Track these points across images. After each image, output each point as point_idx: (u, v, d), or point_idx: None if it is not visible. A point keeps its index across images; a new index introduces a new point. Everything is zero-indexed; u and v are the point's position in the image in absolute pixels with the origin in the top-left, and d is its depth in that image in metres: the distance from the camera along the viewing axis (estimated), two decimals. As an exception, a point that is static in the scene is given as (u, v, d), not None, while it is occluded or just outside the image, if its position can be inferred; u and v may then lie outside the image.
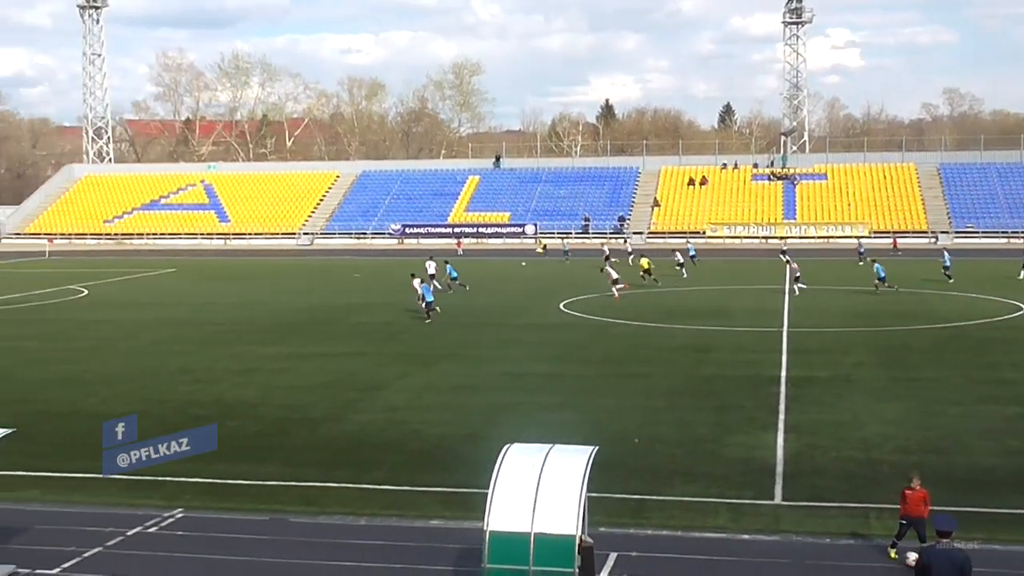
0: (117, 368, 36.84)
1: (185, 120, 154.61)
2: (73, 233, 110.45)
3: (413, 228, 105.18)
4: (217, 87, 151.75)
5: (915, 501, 17.97)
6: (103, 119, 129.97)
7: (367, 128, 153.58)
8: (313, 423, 28.32)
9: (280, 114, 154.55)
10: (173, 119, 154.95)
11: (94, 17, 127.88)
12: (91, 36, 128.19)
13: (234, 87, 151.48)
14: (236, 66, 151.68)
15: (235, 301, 56.64)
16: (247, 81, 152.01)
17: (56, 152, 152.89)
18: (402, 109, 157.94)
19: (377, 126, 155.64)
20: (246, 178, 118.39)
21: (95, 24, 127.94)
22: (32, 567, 18.22)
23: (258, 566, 18.24)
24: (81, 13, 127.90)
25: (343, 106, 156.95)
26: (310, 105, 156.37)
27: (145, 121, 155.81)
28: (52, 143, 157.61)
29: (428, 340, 42.23)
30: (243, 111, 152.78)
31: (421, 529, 20.08)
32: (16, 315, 52.28)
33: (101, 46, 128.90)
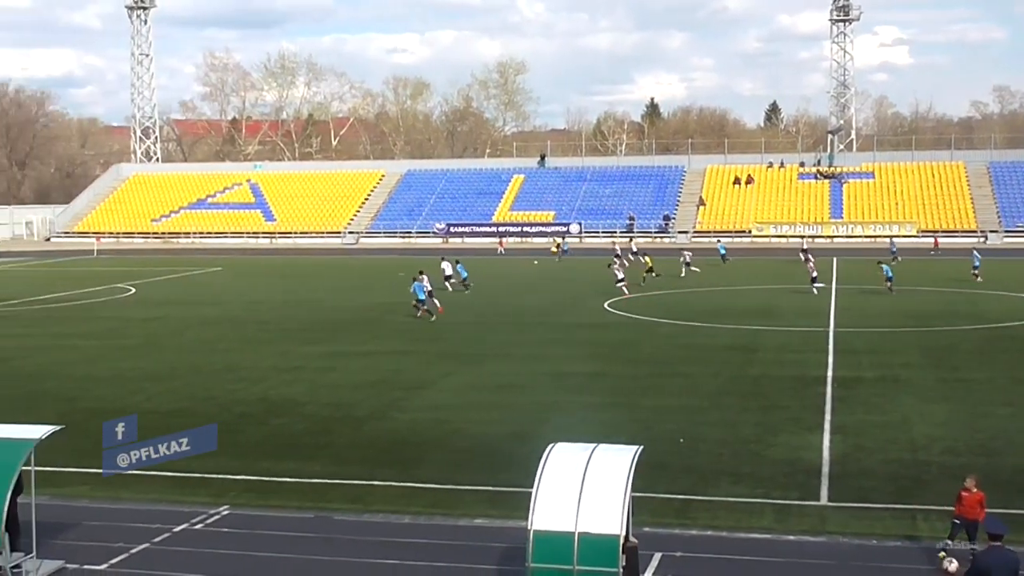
0: (164, 366, 37.11)
1: (231, 120, 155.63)
2: (121, 232, 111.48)
3: (457, 227, 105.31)
4: (263, 87, 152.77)
5: (971, 503, 17.75)
6: (151, 119, 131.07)
7: (412, 127, 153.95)
8: (358, 421, 28.40)
9: (326, 113, 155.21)
10: (220, 119, 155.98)
11: (142, 18, 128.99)
12: (139, 36, 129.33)
13: (280, 87, 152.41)
14: (282, 66, 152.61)
15: (281, 300, 56.93)
16: (293, 81, 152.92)
17: (104, 152, 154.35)
18: (447, 108, 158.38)
19: (422, 125, 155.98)
20: (292, 177, 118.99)
21: (143, 24, 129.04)
22: (80, 563, 18.38)
23: (303, 563, 18.30)
24: (129, 14, 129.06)
25: (388, 105, 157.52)
26: (355, 104, 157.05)
27: (192, 121, 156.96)
28: (100, 143, 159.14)
29: (473, 339, 42.26)
30: (289, 111, 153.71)
31: (465, 528, 20.08)
32: (65, 313, 52.80)
33: (149, 46, 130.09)
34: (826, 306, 50.43)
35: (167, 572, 18.00)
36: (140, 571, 18.09)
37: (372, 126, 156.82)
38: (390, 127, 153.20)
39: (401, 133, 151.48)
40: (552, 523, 15.33)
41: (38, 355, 39.78)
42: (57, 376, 35.56)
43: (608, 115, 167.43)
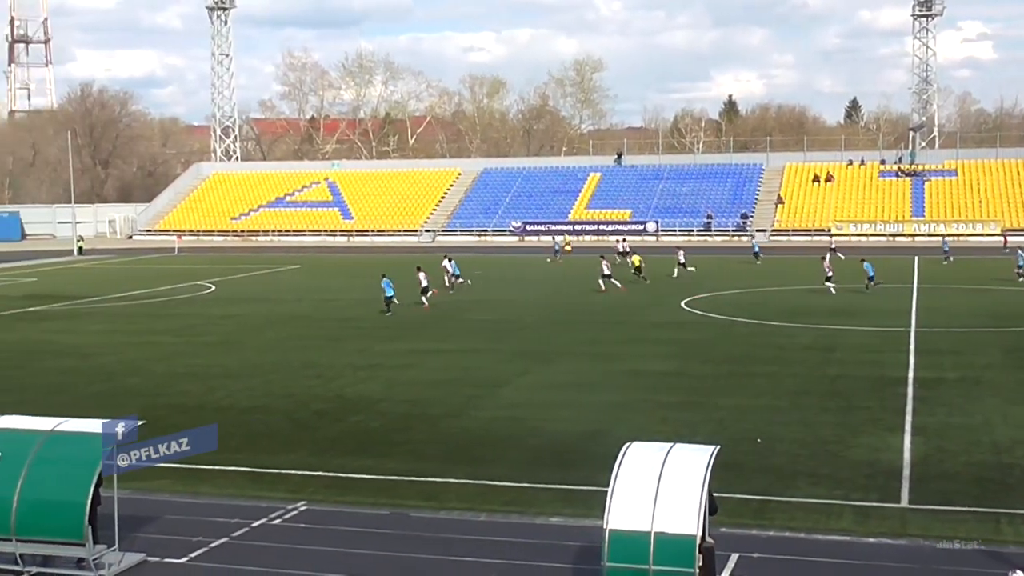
0: (243, 363, 37.51)
1: (310, 119, 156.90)
2: (201, 230, 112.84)
3: (534, 225, 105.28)
4: (341, 86, 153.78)
5: None
6: (230, 118, 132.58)
7: (488, 125, 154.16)
8: (434, 419, 28.48)
9: (403, 112, 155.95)
10: (298, 118, 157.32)
11: (222, 18, 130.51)
12: (219, 37, 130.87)
13: (358, 86, 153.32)
14: (360, 65, 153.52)
15: (358, 297, 57.26)
16: (370, 80, 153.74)
17: (185, 151, 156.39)
18: (523, 106, 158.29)
19: (498, 123, 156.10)
20: (369, 176, 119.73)
21: (223, 25, 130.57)
22: (161, 556, 18.62)
23: (379, 559, 18.38)
24: (210, 14, 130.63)
25: (465, 104, 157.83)
26: (432, 103, 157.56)
27: (271, 120, 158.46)
28: (181, 142, 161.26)
29: (548, 337, 42.22)
30: (366, 109, 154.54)
31: (541, 526, 20.05)
32: (147, 310, 53.58)
33: (229, 46, 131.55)
34: (907, 306, 49.72)
35: (245, 566, 18.18)
36: (219, 565, 18.28)
37: (449, 124, 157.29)
38: (466, 125, 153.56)
39: (477, 131, 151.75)
40: (628, 522, 15.26)
41: (121, 351, 40.40)
42: (139, 372, 36.09)
43: (685, 113, 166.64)
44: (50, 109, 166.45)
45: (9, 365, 37.78)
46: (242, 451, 25.43)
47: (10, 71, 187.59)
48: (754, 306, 50.26)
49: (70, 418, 19.37)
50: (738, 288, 58.28)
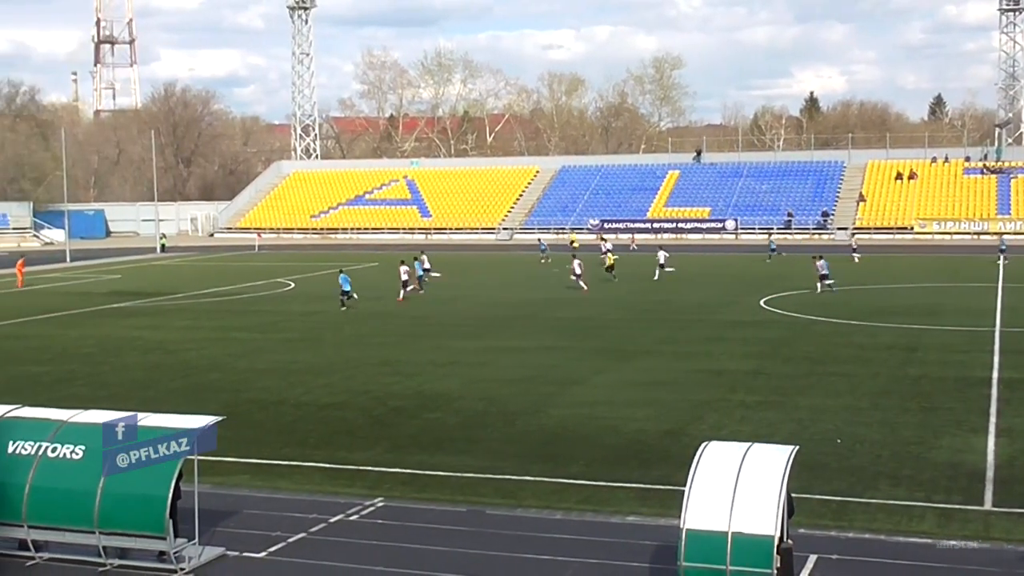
0: (322, 359, 37.82)
1: (389, 117, 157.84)
2: (281, 228, 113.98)
3: (612, 223, 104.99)
4: (420, 84, 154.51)
5: None
6: (310, 117, 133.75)
7: (567, 123, 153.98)
8: (511, 416, 28.50)
9: (481, 110, 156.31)
10: (377, 116, 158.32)
11: (303, 17, 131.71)
12: (300, 36, 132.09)
13: (436, 84, 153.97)
14: (439, 63, 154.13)
15: (435, 295, 57.47)
16: (449, 78, 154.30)
17: (266, 149, 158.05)
18: (602, 104, 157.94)
19: (577, 121, 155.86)
20: (447, 174, 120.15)
21: (304, 24, 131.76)
22: (240, 550, 18.82)
23: (455, 557, 18.41)
24: (291, 14, 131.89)
25: (543, 101, 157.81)
26: (510, 101, 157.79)
27: (350, 118, 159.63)
28: (262, 140, 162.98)
29: (626, 335, 42.08)
30: (445, 107, 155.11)
31: (617, 525, 19.98)
32: (229, 306, 54.23)
33: (309, 45, 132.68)
34: (992, 305, 48.85)
35: (323, 562, 18.31)
36: (297, 560, 18.44)
37: (527, 122, 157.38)
38: (545, 123, 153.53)
39: (556, 129, 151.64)
40: (705, 522, 15.16)
41: (203, 347, 40.92)
42: (221, 368, 36.53)
43: (766, 109, 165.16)
44: (134, 109, 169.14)
45: (95, 360, 38.45)
46: (320, 447, 25.64)
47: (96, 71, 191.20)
48: (834, 305, 49.66)
49: (153, 412, 19.67)
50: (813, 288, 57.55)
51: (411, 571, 17.84)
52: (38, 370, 36.54)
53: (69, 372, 36.12)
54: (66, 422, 18.93)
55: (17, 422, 19.23)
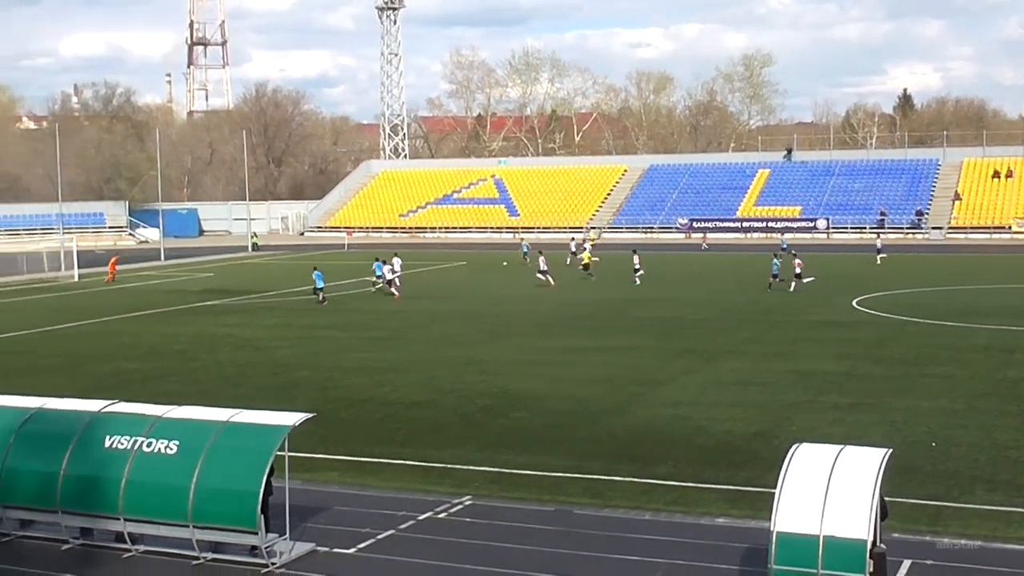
0: (409, 357, 38.02)
1: (477, 116, 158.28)
2: (370, 226, 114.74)
3: (701, 222, 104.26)
4: (508, 84, 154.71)
5: None
6: (399, 116, 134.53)
7: (655, 122, 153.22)
8: (597, 416, 28.41)
9: (569, 109, 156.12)
10: (465, 115, 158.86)
11: (391, 18, 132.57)
12: (388, 36, 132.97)
13: (524, 83, 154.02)
14: (526, 63, 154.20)
15: (521, 294, 57.55)
16: (537, 77, 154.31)
17: (355, 149, 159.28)
18: (690, 102, 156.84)
19: (665, 120, 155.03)
20: (535, 173, 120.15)
21: (392, 25, 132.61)
22: (330, 546, 18.98)
23: (543, 556, 18.39)
24: (379, 14, 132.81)
25: (631, 100, 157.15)
26: (598, 100, 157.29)
27: (438, 118, 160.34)
28: (351, 140, 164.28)
29: (714, 335, 41.76)
30: (533, 107, 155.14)
31: (706, 526, 19.82)
32: (318, 305, 54.66)
33: (398, 46, 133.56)
34: (1092, 306, 47.70)
35: (411, 559, 18.40)
36: (386, 556, 18.54)
37: (615, 121, 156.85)
38: (633, 122, 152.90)
39: (644, 128, 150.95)
40: (796, 525, 14.97)
41: (293, 345, 41.36)
42: (310, 366, 36.88)
43: (858, 107, 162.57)
44: (226, 109, 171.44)
45: (188, 357, 39.04)
46: (408, 445, 25.77)
47: (189, 73, 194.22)
48: (927, 306, 48.83)
49: (244, 409, 19.92)
50: (910, 287, 56.70)
51: (499, 570, 17.86)
52: (133, 366, 37.20)
53: (162, 369, 36.72)
54: (160, 418, 19.25)
55: (113, 417, 19.60)
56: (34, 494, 19.23)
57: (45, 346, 42.32)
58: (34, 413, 20.12)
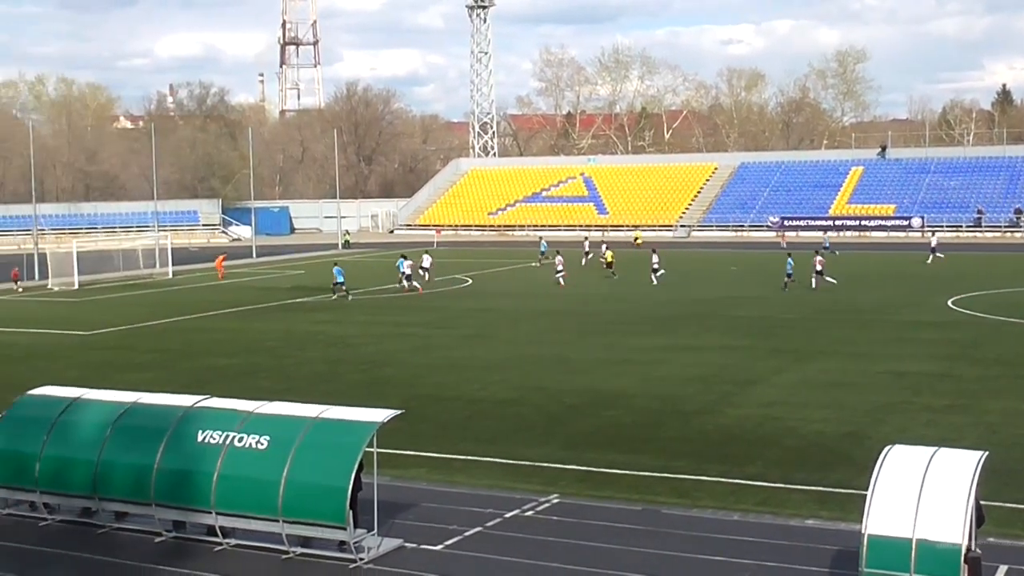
0: (497, 355, 38.08)
1: (566, 114, 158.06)
2: (459, 224, 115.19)
3: (792, 221, 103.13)
4: (597, 81, 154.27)
5: None
6: (488, 115, 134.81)
7: (746, 119, 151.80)
8: (687, 415, 28.22)
9: (659, 107, 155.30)
10: (554, 113, 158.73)
11: (481, 16, 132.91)
12: (478, 35, 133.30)
13: (614, 81, 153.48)
14: (616, 60, 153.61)
15: (611, 292, 57.39)
16: (626, 75, 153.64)
17: (444, 147, 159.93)
18: (782, 99, 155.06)
19: (756, 117, 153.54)
20: (624, 170, 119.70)
21: (482, 23, 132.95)
22: (418, 542, 19.07)
23: (631, 555, 18.31)
24: (469, 13, 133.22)
25: (722, 97, 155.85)
26: (688, 97, 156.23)
27: (528, 116, 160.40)
28: (441, 138, 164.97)
29: (806, 335, 41.27)
30: (622, 104, 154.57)
31: (796, 528, 19.59)
32: (406, 302, 55.05)
33: (488, 44, 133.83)
34: None
35: (499, 556, 18.42)
36: (473, 554, 18.58)
37: (705, 118, 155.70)
38: (723, 119, 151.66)
39: (735, 125, 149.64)
40: (888, 528, 14.74)
41: (381, 342, 41.65)
42: (398, 363, 37.11)
43: (954, 103, 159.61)
44: (318, 108, 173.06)
45: (279, 353, 39.50)
46: (496, 442, 25.81)
47: (281, 72, 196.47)
48: None
49: (333, 405, 20.09)
50: (1009, 287, 55.55)
51: (586, 568, 17.81)
52: (225, 362, 37.73)
53: (254, 365, 37.19)
54: (252, 413, 19.48)
55: (206, 412, 19.89)
56: (129, 487, 19.59)
57: (141, 342, 43.10)
58: (129, 407, 20.50)
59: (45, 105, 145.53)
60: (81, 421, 20.52)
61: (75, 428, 20.41)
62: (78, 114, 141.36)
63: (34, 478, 20.29)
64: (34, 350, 41.57)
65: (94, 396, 21.55)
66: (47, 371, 35.41)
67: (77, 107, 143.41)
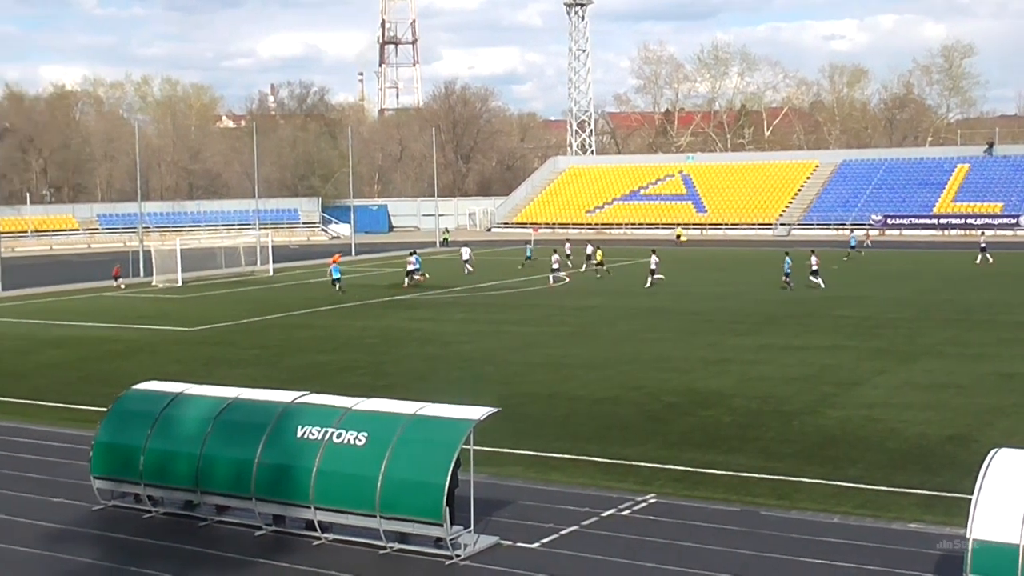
0: (596, 354, 37.95)
1: (664, 112, 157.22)
2: (556, 223, 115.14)
3: (895, 219, 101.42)
4: (696, 78, 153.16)
5: None
6: (586, 112, 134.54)
7: (848, 116, 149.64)
8: (787, 416, 27.87)
9: (758, 104, 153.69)
10: (653, 111, 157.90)
11: (579, 14, 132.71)
12: (576, 32, 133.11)
13: (713, 78, 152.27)
14: (715, 57, 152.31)
15: (710, 291, 56.96)
16: (726, 71, 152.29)
17: (542, 145, 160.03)
18: (886, 95, 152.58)
19: (859, 114, 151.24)
20: (723, 168, 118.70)
21: (580, 21, 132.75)
22: (514, 540, 19.06)
23: (728, 556, 18.12)
24: (568, 11, 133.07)
25: (823, 94, 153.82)
26: (789, 94, 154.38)
27: (626, 113, 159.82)
28: (538, 136, 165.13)
29: (910, 336, 40.52)
30: (721, 101, 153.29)
31: (898, 531, 19.23)
32: (504, 300, 55.18)
33: (586, 42, 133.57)
34: None
35: (594, 555, 18.35)
36: (569, 552, 18.53)
37: (806, 115, 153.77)
38: (825, 116, 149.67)
39: (836, 122, 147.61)
40: (995, 533, 14.41)
41: (479, 340, 41.76)
42: (496, 360, 37.17)
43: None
44: (416, 107, 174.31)
45: (377, 351, 39.80)
46: (593, 441, 25.73)
47: (381, 71, 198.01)
48: None
49: (431, 403, 20.17)
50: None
51: (682, 569, 17.67)
52: (324, 359, 38.12)
53: (352, 361, 37.52)
54: (350, 409, 19.64)
55: (305, 408, 20.11)
56: (230, 481, 19.87)
57: (243, 338, 43.73)
58: (231, 403, 20.80)
59: (151, 105, 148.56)
60: (184, 416, 20.88)
61: (178, 422, 20.77)
62: (182, 114, 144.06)
63: (138, 471, 20.69)
64: (139, 345, 42.40)
65: (197, 391, 21.92)
66: (152, 366, 36.13)
67: (181, 107, 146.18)
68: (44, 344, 42.96)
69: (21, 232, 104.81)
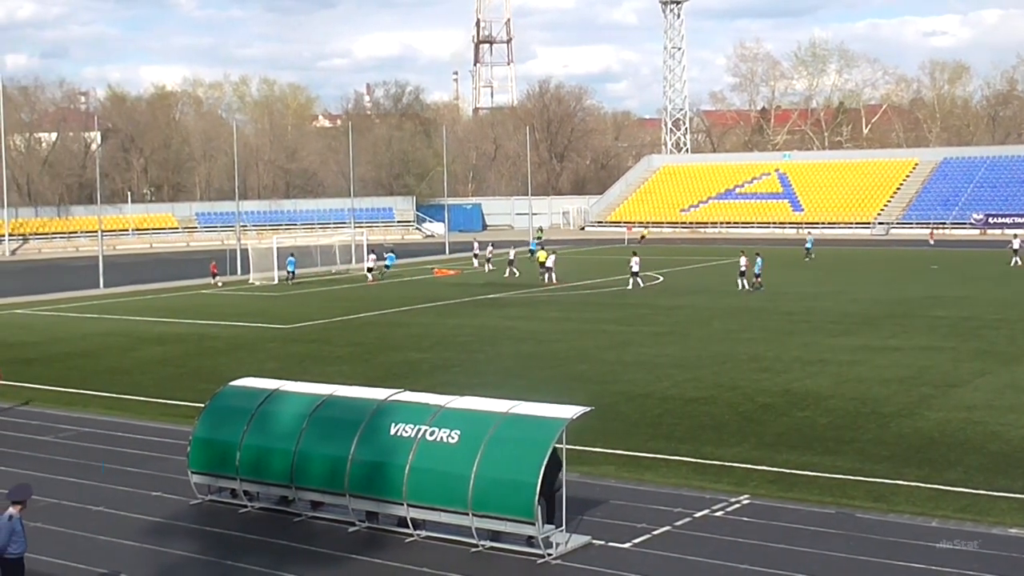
0: (690, 353, 37.71)
1: (760, 109, 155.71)
2: (650, 221, 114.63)
3: (997, 218, 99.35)
4: (793, 76, 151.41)
5: None
6: (681, 111, 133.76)
7: (949, 113, 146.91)
8: (884, 418, 27.44)
9: (857, 101, 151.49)
10: (748, 109, 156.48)
11: (675, 12, 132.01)
12: (672, 30, 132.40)
13: (810, 75, 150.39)
14: (813, 54, 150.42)
15: (806, 291, 56.31)
16: (824, 68, 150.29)
17: (636, 143, 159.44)
18: (988, 92, 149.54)
19: (960, 111, 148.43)
20: (820, 167, 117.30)
21: (676, 19, 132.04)
22: (606, 540, 19.01)
23: (823, 559, 17.90)
24: (663, 8, 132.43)
25: (924, 91, 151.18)
26: (888, 91, 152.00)
27: (721, 111, 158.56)
28: (633, 135, 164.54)
29: (1010, 337, 39.69)
30: (819, 99, 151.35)
31: (999, 536, 18.83)
32: (598, 299, 55.07)
33: (681, 39, 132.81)
34: None
35: (687, 556, 18.24)
36: (662, 553, 18.43)
37: (906, 113, 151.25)
38: (925, 113, 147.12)
39: (937, 119, 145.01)
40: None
41: (572, 338, 41.72)
42: (589, 359, 37.10)
43: None
44: (511, 106, 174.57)
45: (471, 348, 39.95)
46: (686, 441, 25.57)
47: (475, 70, 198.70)
48: None
49: (524, 401, 20.19)
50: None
51: (776, 571, 17.48)
52: (418, 356, 38.35)
53: (446, 359, 37.70)
54: (444, 407, 19.73)
55: (399, 406, 20.24)
56: (324, 477, 20.07)
57: (338, 335, 44.17)
58: (326, 399, 21.01)
59: (248, 105, 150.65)
60: (280, 412, 21.14)
61: (274, 418, 21.03)
62: (279, 114, 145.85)
63: (235, 466, 20.98)
64: (236, 342, 43.03)
65: (292, 388, 22.19)
66: (248, 363, 36.65)
67: (278, 107, 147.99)
68: (145, 341, 43.78)
69: (123, 231, 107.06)
